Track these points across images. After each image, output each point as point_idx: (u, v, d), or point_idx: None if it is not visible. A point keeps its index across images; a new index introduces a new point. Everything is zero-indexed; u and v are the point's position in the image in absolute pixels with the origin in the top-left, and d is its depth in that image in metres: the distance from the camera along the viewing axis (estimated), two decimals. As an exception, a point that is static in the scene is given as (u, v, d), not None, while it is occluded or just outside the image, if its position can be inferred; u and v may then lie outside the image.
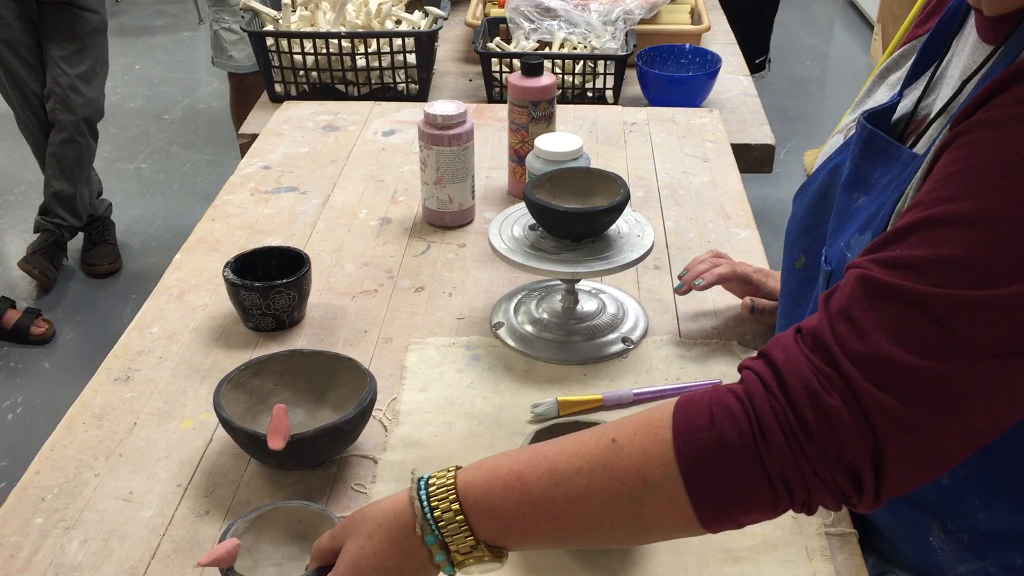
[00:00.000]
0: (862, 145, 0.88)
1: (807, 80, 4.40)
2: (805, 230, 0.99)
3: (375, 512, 0.75)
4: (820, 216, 0.96)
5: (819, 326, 0.68)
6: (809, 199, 0.99)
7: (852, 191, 0.88)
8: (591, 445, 0.71)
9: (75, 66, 2.67)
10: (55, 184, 2.77)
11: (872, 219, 0.82)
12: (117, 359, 1.14)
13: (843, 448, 0.65)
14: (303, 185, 1.53)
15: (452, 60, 2.14)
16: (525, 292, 1.25)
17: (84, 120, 2.72)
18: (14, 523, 0.92)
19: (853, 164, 0.89)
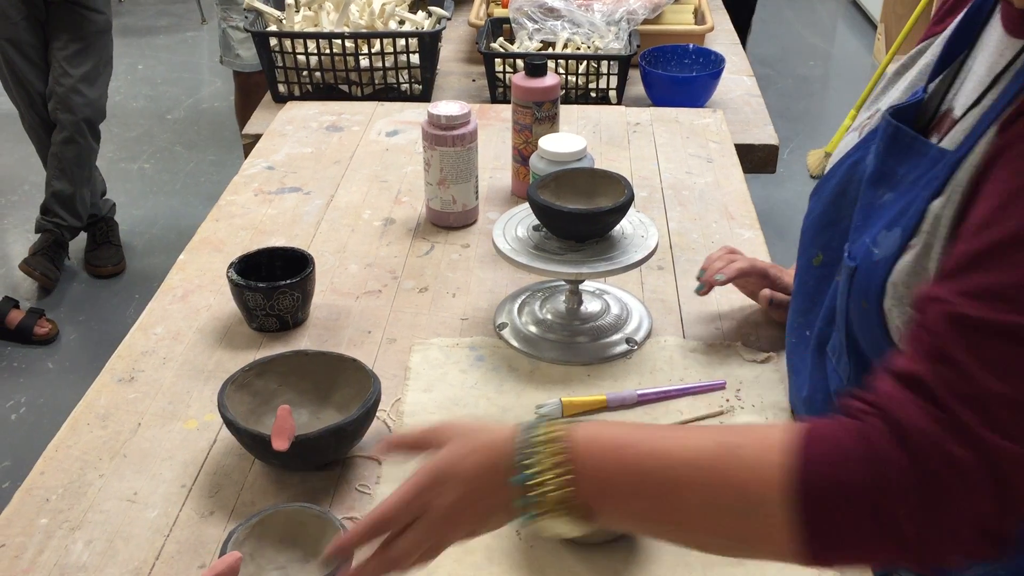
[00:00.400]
0: (887, 141, 0.87)
1: (810, 80, 4.39)
2: (822, 228, 0.99)
3: (483, 435, 0.74)
4: (838, 213, 0.96)
5: (919, 371, 0.66)
6: (826, 197, 0.98)
7: (876, 187, 0.87)
8: (708, 441, 0.70)
9: (78, 66, 2.67)
10: (55, 184, 2.77)
11: (901, 215, 0.81)
12: (121, 360, 1.15)
13: (973, 499, 0.63)
14: (307, 185, 1.53)
15: (455, 60, 2.14)
16: (529, 293, 1.25)
17: (85, 121, 2.72)
18: (19, 524, 0.92)
19: (878, 160, 0.88)
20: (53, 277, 2.81)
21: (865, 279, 0.82)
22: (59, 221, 2.82)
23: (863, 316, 0.83)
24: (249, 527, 0.84)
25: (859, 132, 0.97)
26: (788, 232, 3.16)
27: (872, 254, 0.82)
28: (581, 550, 0.89)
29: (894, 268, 0.79)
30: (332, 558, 0.75)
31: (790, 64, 4.51)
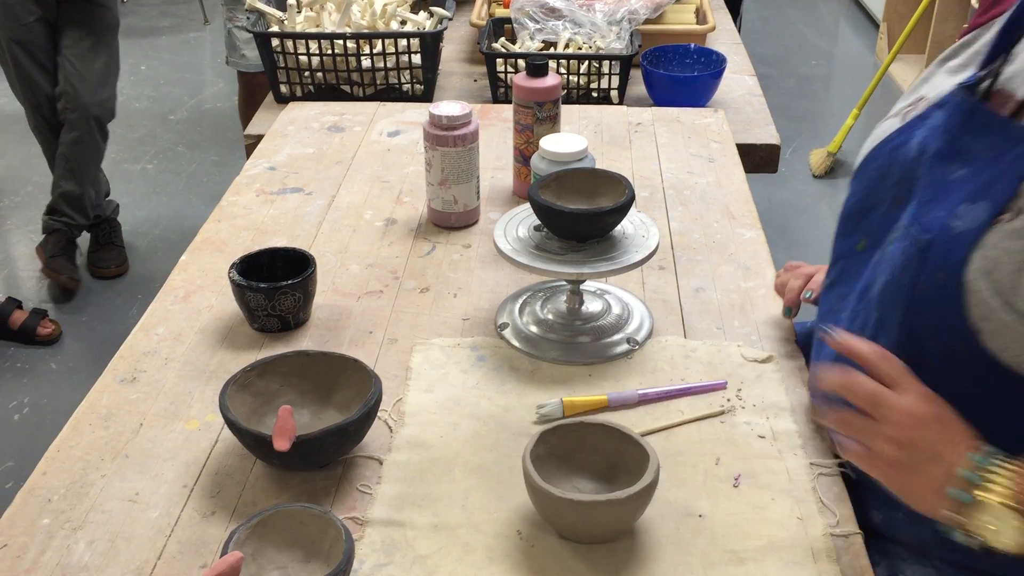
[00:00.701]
0: (962, 117, 0.88)
1: (812, 79, 4.39)
2: (864, 213, 1.00)
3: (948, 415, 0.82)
4: (880, 196, 0.97)
5: None
6: (867, 182, 1.00)
7: (948, 163, 0.88)
8: None
9: (88, 63, 2.67)
10: (64, 184, 2.77)
11: (985, 189, 0.83)
12: (123, 360, 1.15)
13: None
14: (308, 186, 1.53)
15: (457, 60, 2.14)
16: (530, 293, 1.25)
17: (95, 119, 2.72)
18: (21, 524, 0.92)
19: (950, 137, 0.89)
20: (77, 278, 2.81)
21: (944, 251, 0.84)
22: (68, 220, 2.81)
23: (937, 289, 0.84)
24: (250, 527, 0.84)
25: (900, 118, 0.98)
26: (790, 232, 3.16)
27: (951, 227, 0.84)
28: (581, 550, 0.89)
29: (982, 239, 0.81)
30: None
31: (792, 63, 4.51)
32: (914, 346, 0.87)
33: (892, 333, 0.89)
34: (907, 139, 0.95)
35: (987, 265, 0.80)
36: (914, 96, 1.00)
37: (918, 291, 0.86)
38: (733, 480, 0.97)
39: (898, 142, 0.96)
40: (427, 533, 0.91)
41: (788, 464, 0.99)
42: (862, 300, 0.95)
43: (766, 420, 1.05)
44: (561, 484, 0.93)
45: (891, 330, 0.89)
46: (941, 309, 0.84)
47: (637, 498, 0.86)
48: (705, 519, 0.92)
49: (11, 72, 2.66)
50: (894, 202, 0.95)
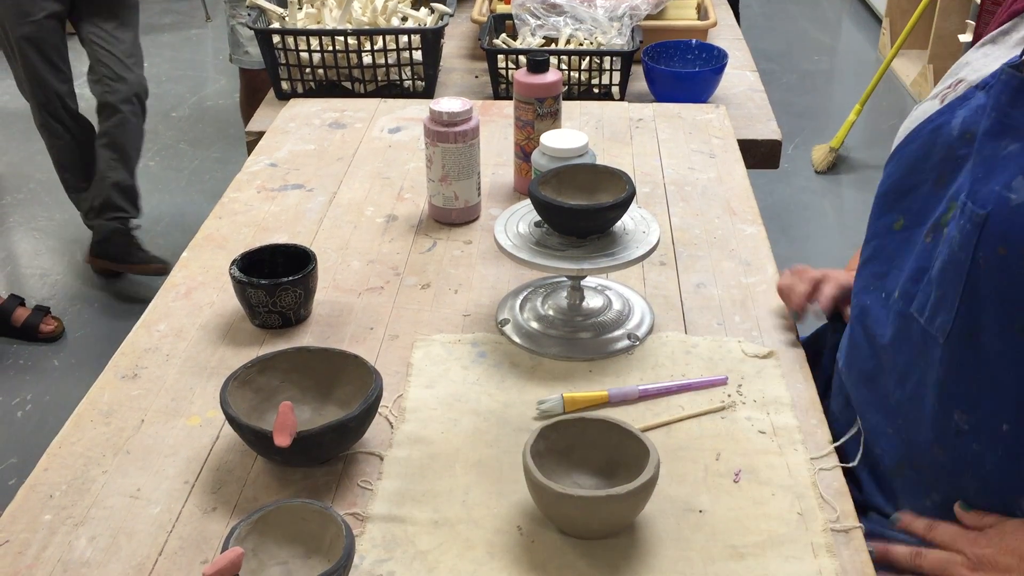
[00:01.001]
0: (1010, 94, 0.89)
1: (815, 75, 4.38)
2: (903, 193, 1.01)
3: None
4: (919, 177, 0.99)
5: None
6: (906, 162, 1.01)
7: (999, 139, 0.89)
8: None
9: (117, 45, 2.68)
10: (112, 175, 2.71)
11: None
12: (124, 357, 1.15)
13: None
14: (309, 182, 1.53)
15: (458, 57, 2.14)
16: (531, 289, 1.25)
17: (135, 97, 2.72)
18: (23, 520, 0.93)
19: (999, 114, 0.90)
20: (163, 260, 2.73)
21: (1003, 224, 0.85)
22: (123, 215, 2.75)
23: (998, 263, 0.86)
24: (251, 523, 0.84)
25: (939, 100, 1.00)
26: (792, 228, 3.16)
27: (1008, 200, 0.85)
28: (581, 545, 0.89)
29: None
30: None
31: (795, 59, 4.50)
32: (972, 322, 0.89)
33: (951, 311, 0.90)
34: (948, 119, 0.96)
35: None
36: (952, 79, 1.01)
37: (977, 266, 0.87)
38: (733, 475, 0.97)
39: (939, 123, 0.97)
40: (428, 529, 0.91)
41: (788, 459, 0.99)
42: (919, 283, 0.96)
43: (767, 416, 1.05)
44: (561, 480, 0.93)
45: (950, 308, 0.90)
46: (1002, 283, 0.86)
47: (637, 494, 0.86)
48: (705, 514, 0.93)
49: (20, 70, 2.65)
50: (936, 182, 0.97)
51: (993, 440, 0.91)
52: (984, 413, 0.91)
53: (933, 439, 0.95)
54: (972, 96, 0.95)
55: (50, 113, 2.70)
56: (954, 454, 0.94)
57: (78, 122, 2.76)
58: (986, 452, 0.91)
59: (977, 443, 0.92)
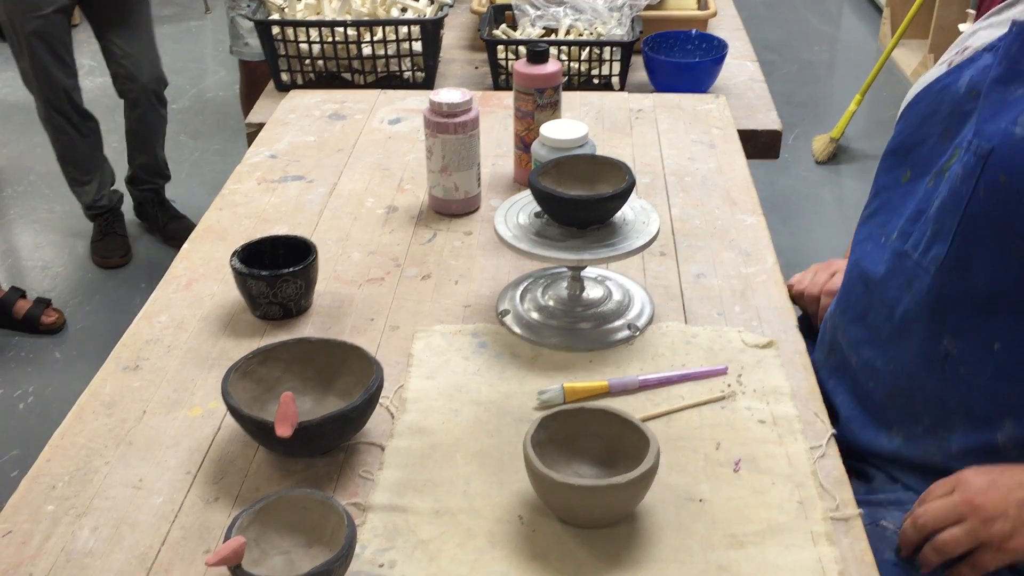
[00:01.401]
0: (1021, 44, 0.94)
1: (816, 65, 4.38)
2: (911, 148, 1.07)
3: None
4: (927, 131, 1.05)
5: None
6: (914, 120, 1.07)
7: (1007, 85, 0.94)
8: None
9: (133, 41, 2.74)
10: (138, 158, 2.94)
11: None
12: (126, 348, 1.15)
13: None
14: (309, 174, 1.53)
15: (458, 48, 2.14)
16: (531, 279, 1.26)
17: (153, 92, 2.84)
18: (26, 511, 0.93)
19: (1009, 62, 0.95)
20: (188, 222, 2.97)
21: (1006, 155, 0.91)
22: (152, 185, 3.01)
23: (998, 192, 0.91)
24: (253, 513, 0.85)
25: (947, 65, 1.06)
26: (792, 218, 3.16)
27: (1013, 133, 0.91)
28: (582, 534, 0.89)
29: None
30: None
31: (795, 49, 4.49)
32: (966, 251, 0.94)
33: (946, 241, 0.95)
34: (956, 79, 1.02)
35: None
36: (959, 47, 1.06)
37: (977, 196, 0.92)
38: (733, 465, 0.97)
39: (946, 83, 1.03)
40: (429, 518, 0.92)
41: (788, 449, 0.99)
42: (916, 223, 1.01)
43: (766, 405, 1.05)
44: (562, 469, 0.93)
45: (945, 239, 0.95)
46: (1000, 210, 0.91)
47: (637, 483, 0.86)
48: (705, 504, 0.93)
49: (27, 64, 2.64)
50: (942, 136, 1.02)
51: (983, 363, 0.95)
52: (973, 337, 0.96)
53: (923, 366, 1.00)
54: (979, 58, 1.00)
55: (55, 108, 2.70)
56: (942, 380, 0.99)
57: (82, 116, 2.76)
58: (974, 376, 0.96)
59: (964, 367, 0.97)
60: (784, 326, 1.18)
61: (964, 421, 1.00)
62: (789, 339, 1.15)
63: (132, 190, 3.05)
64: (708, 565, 0.87)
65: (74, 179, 2.84)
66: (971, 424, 0.99)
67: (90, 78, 3.90)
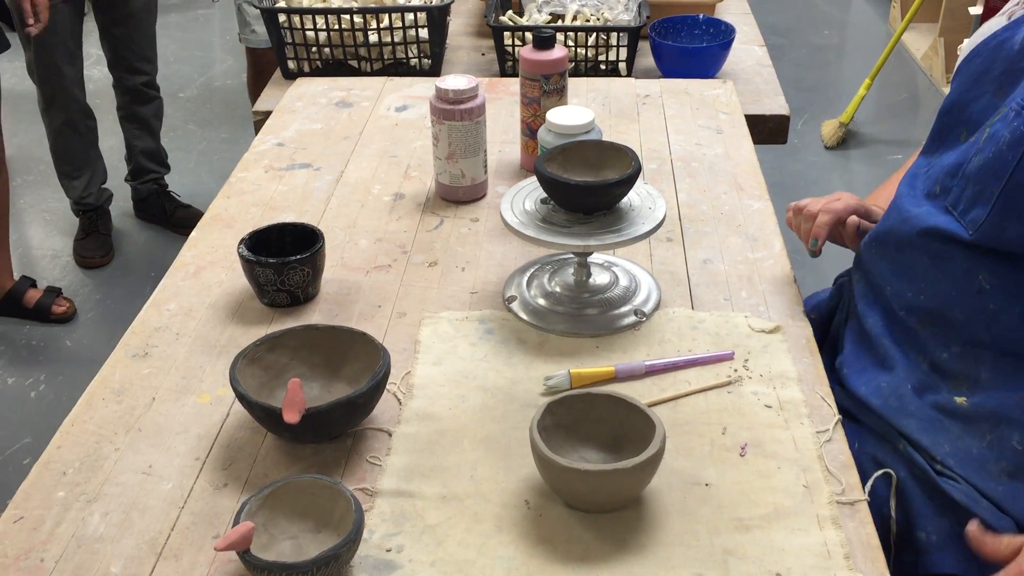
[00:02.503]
0: None
1: (825, 49, 4.35)
2: (965, 105, 1.05)
3: None
4: (982, 88, 1.03)
5: None
6: (969, 77, 1.05)
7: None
8: None
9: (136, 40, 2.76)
10: (138, 143, 2.92)
11: None
12: (135, 336, 1.16)
13: None
14: (316, 161, 1.53)
15: (465, 34, 2.13)
16: (538, 266, 1.26)
17: (150, 83, 2.87)
18: (37, 497, 0.94)
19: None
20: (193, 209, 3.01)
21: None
22: (155, 176, 3.00)
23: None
24: (262, 498, 0.85)
25: (1007, 17, 1.04)
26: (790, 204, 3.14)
27: None
28: (588, 519, 0.90)
29: None
30: None
31: (804, 33, 4.47)
32: (1003, 217, 0.94)
33: (986, 206, 0.95)
34: (1012, 35, 1.00)
35: None
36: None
37: (1022, 168, 0.91)
38: (740, 449, 0.98)
39: (1003, 38, 1.01)
40: (436, 503, 0.92)
41: (794, 433, 0.99)
42: (955, 177, 1.00)
43: (773, 390, 1.05)
44: (568, 454, 0.93)
45: (986, 204, 0.95)
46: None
47: (643, 467, 0.87)
48: (712, 488, 0.93)
49: (31, 56, 2.65)
50: (996, 93, 1.00)
51: (1014, 300, 0.97)
52: (1008, 277, 0.97)
53: (956, 297, 1.00)
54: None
55: (55, 101, 2.70)
56: (973, 311, 0.99)
57: (82, 114, 2.76)
58: (1004, 310, 0.97)
59: (995, 302, 0.97)
60: (791, 311, 1.18)
61: (992, 352, 1.00)
62: (796, 324, 1.15)
63: (135, 185, 3.03)
64: (714, 549, 0.87)
65: (64, 173, 2.85)
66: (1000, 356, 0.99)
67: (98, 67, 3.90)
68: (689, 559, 0.86)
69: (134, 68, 2.82)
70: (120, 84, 2.85)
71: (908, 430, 1.03)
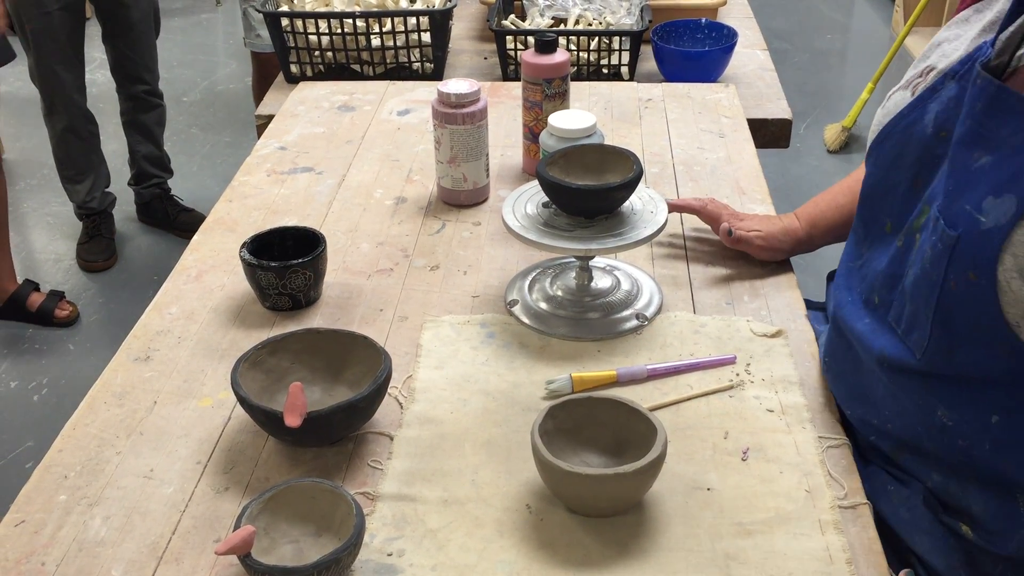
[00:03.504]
0: (986, 101, 0.83)
1: (828, 54, 4.35)
2: (884, 193, 0.97)
3: None
4: (897, 176, 0.95)
5: None
6: (884, 161, 0.97)
7: (972, 150, 0.84)
8: None
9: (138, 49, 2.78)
10: (141, 148, 2.94)
11: (1012, 182, 0.79)
12: (137, 339, 1.16)
13: None
14: (319, 165, 1.54)
15: (467, 38, 2.14)
16: (539, 270, 1.26)
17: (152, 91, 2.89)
18: (38, 500, 0.94)
19: (973, 122, 0.84)
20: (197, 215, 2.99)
21: (973, 249, 0.80)
22: (158, 179, 3.01)
23: (969, 288, 0.81)
24: (263, 502, 0.85)
25: (911, 91, 0.95)
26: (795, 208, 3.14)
27: (979, 222, 0.80)
28: (589, 523, 0.90)
29: (1011, 237, 0.77)
30: None
31: (807, 38, 4.47)
32: (946, 341, 0.85)
33: (924, 328, 0.87)
34: (921, 115, 0.92)
35: (1020, 264, 0.77)
36: (923, 65, 0.97)
37: (949, 288, 0.83)
38: (742, 453, 0.97)
39: (912, 119, 0.93)
40: (437, 508, 0.92)
41: (796, 437, 0.99)
42: (893, 291, 0.93)
43: (775, 394, 1.05)
44: (570, 459, 0.93)
45: (923, 325, 0.87)
46: (974, 307, 0.81)
47: (644, 472, 0.86)
48: (713, 492, 0.93)
49: (32, 61, 2.65)
50: (914, 182, 0.93)
51: (981, 433, 0.87)
52: (967, 412, 0.87)
53: (922, 432, 0.92)
54: (942, 87, 0.91)
55: (57, 106, 2.71)
56: (943, 445, 0.91)
57: (84, 119, 2.77)
58: (973, 446, 0.88)
59: (963, 439, 0.89)
60: (793, 315, 1.17)
61: (976, 486, 0.90)
62: (798, 328, 1.15)
63: (138, 190, 3.03)
64: (716, 554, 0.87)
65: (67, 177, 2.85)
66: (986, 491, 0.90)
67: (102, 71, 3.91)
68: (691, 564, 0.86)
69: (135, 77, 2.83)
70: (123, 90, 2.87)
71: (920, 549, 0.94)
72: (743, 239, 1.25)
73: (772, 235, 1.25)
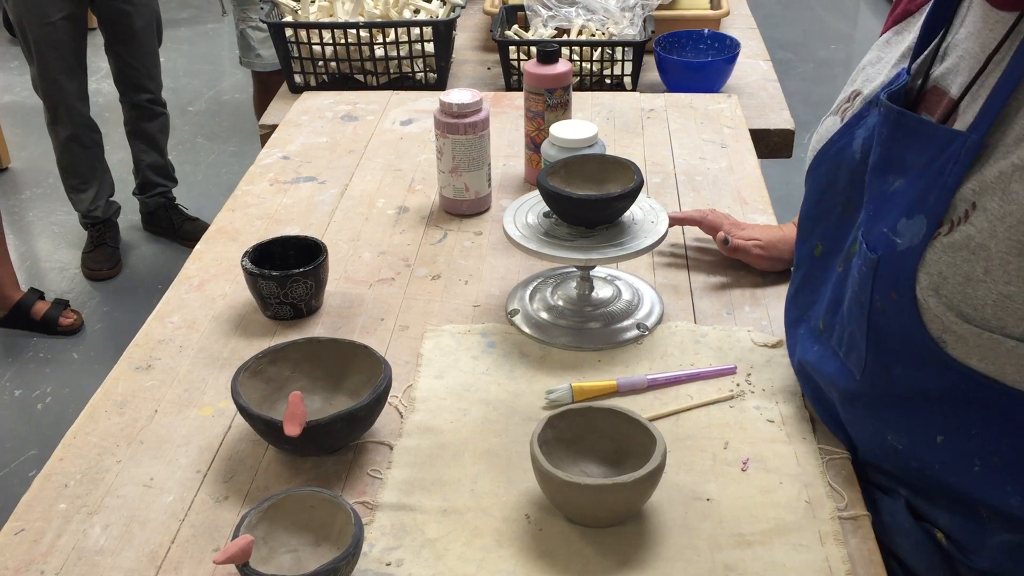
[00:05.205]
0: (890, 127, 0.85)
1: (832, 64, 4.36)
2: (818, 218, 0.99)
3: None
4: (831, 201, 0.97)
5: None
6: (818, 186, 0.99)
7: (885, 175, 0.86)
8: None
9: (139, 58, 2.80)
10: (145, 158, 2.95)
11: (920, 202, 0.80)
12: (138, 348, 1.16)
13: None
14: (321, 175, 1.54)
15: (470, 48, 2.14)
16: (540, 279, 1.26)
17: (154, 100, 2.91)
18: (38, 509, 0.94)
19: (882, 148, 0.86)
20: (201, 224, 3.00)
21: (892, 270, 0.82)
22: (162, 188, 3.03)
23: (893, 307, 0.83)
24: (262, 511, 0.85)
25: (840, 117, 0.97)
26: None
27: (895, 244, 0.82)
28: (589, 533, 0.89)
29: (924, 257, 0.79)
30: None
31: (811, 48, 4.47)
32: (882, 359, 0.87)
33: (861, 348, 0.89)
34: (849, 141, 0.94)
35: (934, 282, 0.79)
36: (851, 90, 0.99)
37: (876, 308, 0.85)
38: (741, 464, 0.97)
39: (841, 144, 0.95)
40: (436, 517, 0.92)
41: (797, 448, 0.99)
42: (835, 315, 0.95)
43: (775, 405, 1.05)
44: (569, 468, 0.93)
45: (859, 345, 0.89)
46: (901, 325, 0.83)
47: (644, 482, 0.86)
48: (713, 503, 0.93)
49: (35, 71, 2.67)
50: (846, 207, 0.94)
51: (929, 455, 0.88)
52: (914, 434, 0.89)
53: (881, 456, 0.94)
54: (867, 113, 0.92)
55: (60, 115, 2.72)
56: (899, 468, 0.92)
57: (87, 127, 2.79)
58: (925, 467, 0.89)
59: (915, 460, 0.90)
60: (794, 325, 1.17)
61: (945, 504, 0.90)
62: (799, 338, 1.15)
63: (143, 200, 3.06)
64: (715, 564, 0.86)
65: (71, 186, 2.87)
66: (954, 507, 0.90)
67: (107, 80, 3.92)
68: (690, 574, 0.86)
69: (137, 85, 2.85)
70: (126, 99, 2.89)
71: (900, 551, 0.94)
72: (740, 248, 1.25)
73: (771, 244, 1.24)
